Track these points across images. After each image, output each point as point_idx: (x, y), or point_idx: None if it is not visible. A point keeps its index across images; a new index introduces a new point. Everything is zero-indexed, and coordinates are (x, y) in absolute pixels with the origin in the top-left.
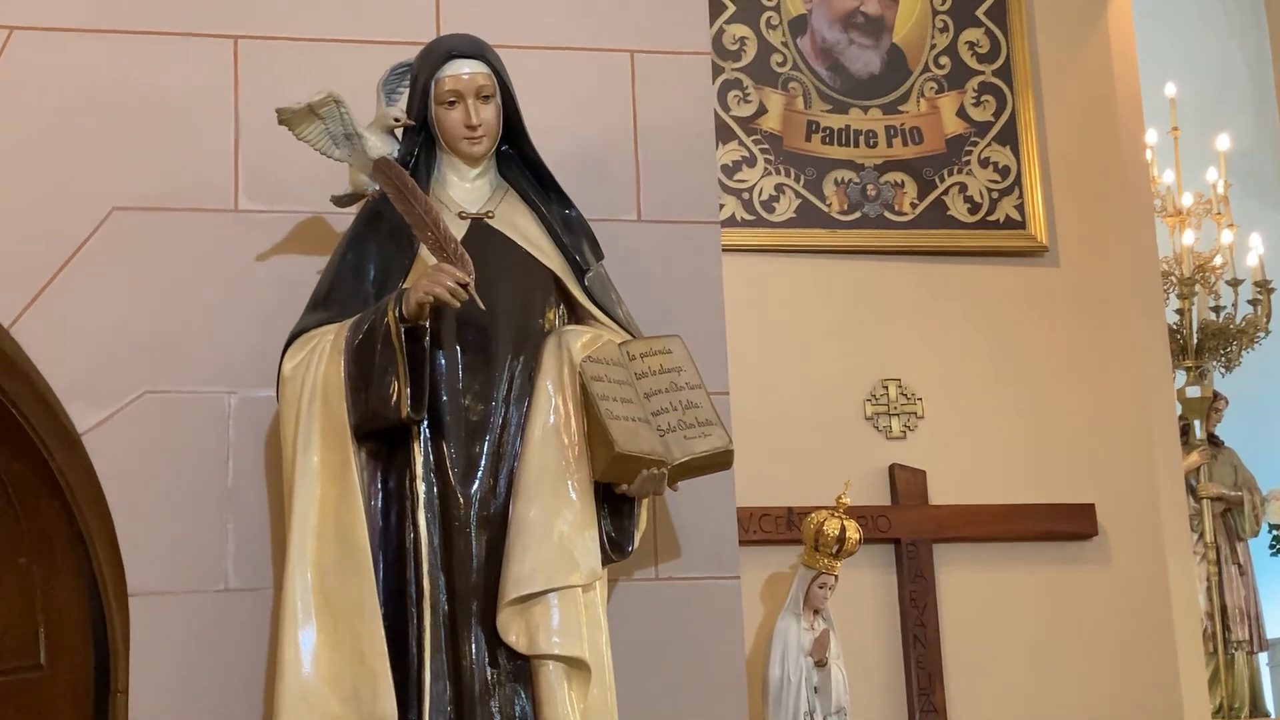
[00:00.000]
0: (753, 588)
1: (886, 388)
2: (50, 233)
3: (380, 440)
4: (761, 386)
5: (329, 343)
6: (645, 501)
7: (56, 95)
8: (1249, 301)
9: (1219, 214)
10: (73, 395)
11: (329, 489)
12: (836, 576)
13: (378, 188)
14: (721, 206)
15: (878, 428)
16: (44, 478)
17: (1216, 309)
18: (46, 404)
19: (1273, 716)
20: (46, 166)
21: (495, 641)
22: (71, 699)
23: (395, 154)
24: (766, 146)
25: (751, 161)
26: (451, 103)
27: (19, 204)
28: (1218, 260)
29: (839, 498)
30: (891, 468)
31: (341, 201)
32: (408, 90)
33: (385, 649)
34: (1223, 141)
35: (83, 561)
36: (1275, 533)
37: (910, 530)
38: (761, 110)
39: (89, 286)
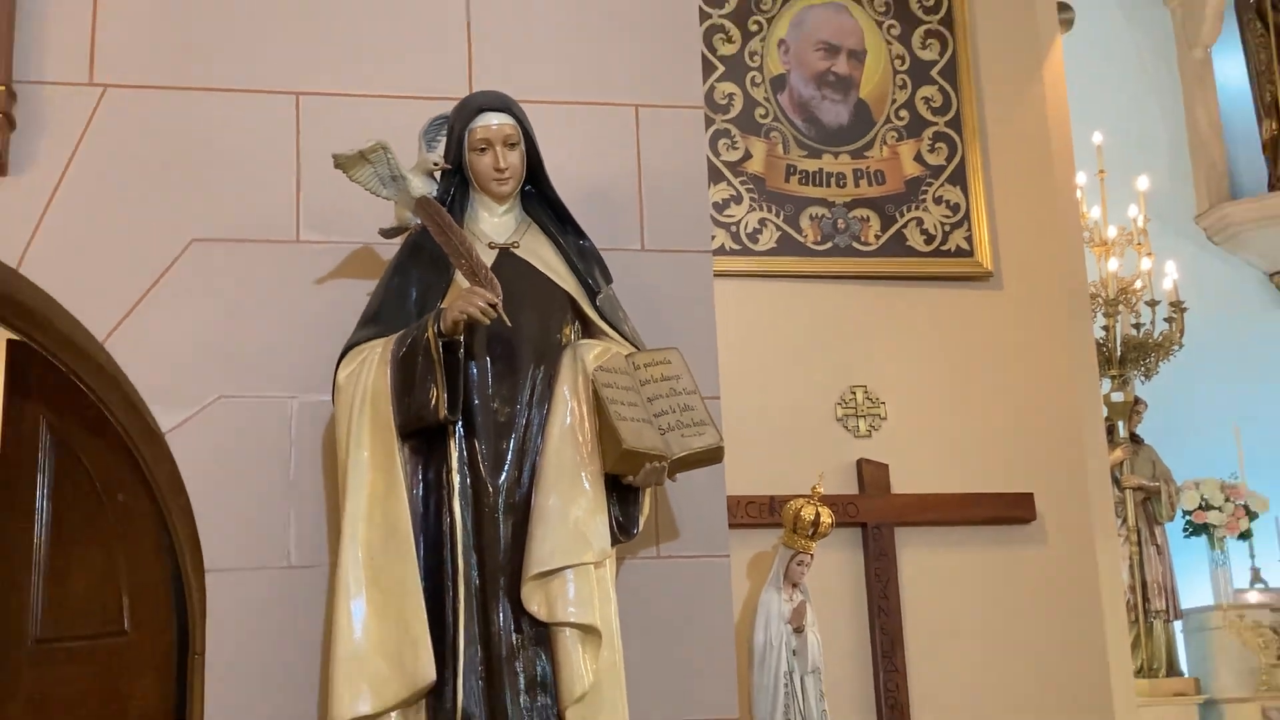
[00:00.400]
0: (740, 565)
1: (854, 393)
2: (139, 261)
3: (421, 438)
4: (748, 392)
5: (377, 355)
6: (648, 491)
7: (143, 143)
8: (1165, 319)
9: (1139, 244)
10: (157, 399)
11: (377, 480)
12: (812, 555)
13: (419, 222)
14: (713, 238)
15: (847, 428)
16: (132, 470)
17: (1137, 326)
18: (134, 407)
19: (1185, 674)
20: (135, 204)
21: (520, 611)
22: (155, 659)
23: (434, 193)
24: (751, 186)
25: (738, 199)
26: (482, 149)
27: (112, 236)
28: (1138, 284)
29: (814, 487)
30: (859, 462)
31: (388, 234)
32: (445, 139)
33: (425, 618)
34: (1142, 182)
35: (165, 541)
36: (1188, 518)
37: (875, 516)
38: (747, 155)
39: (171, 306)
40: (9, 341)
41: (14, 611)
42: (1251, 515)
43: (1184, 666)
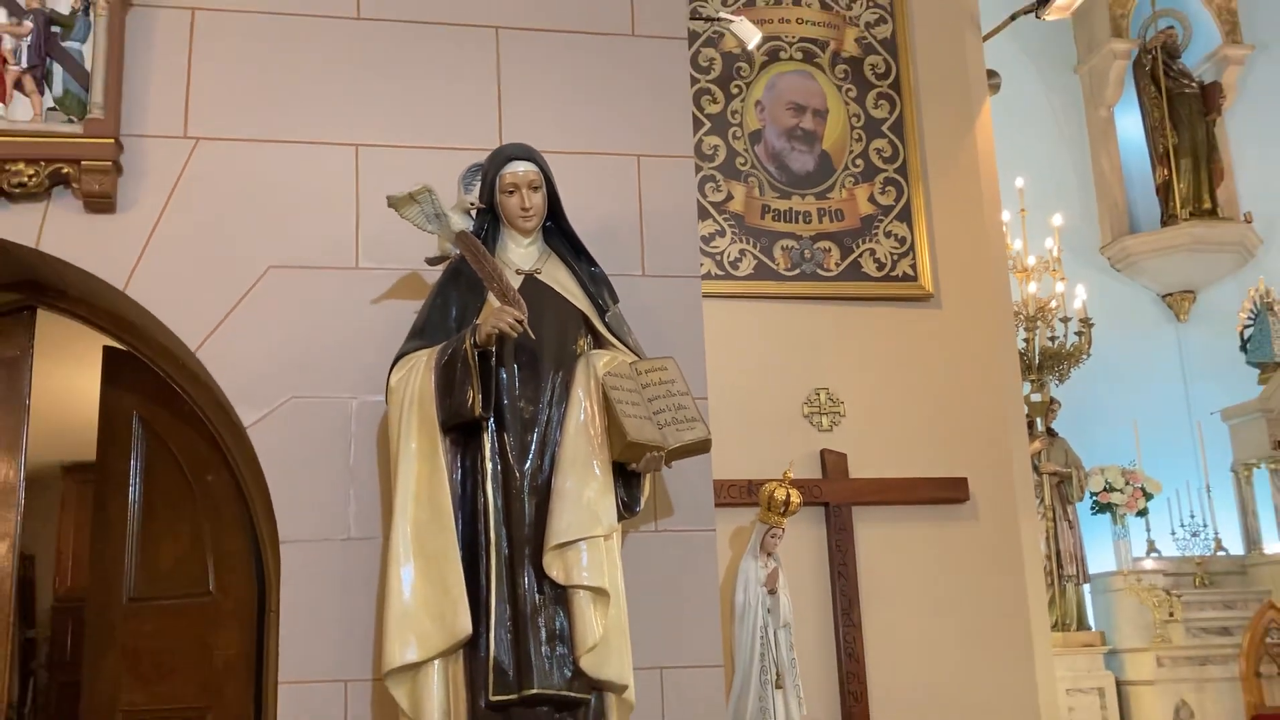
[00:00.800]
0: (724, 537)
1: (819, 394)
2: (225, 284)
3: (459, 432)
4: (727, 392)
5: (423, 362)
6: (648, 476)
7: (229, 186)
8: (1075, 333)
9: (1054, 271)
10: (239, 399)
11: (422, 467)
12: (783, 529)
13: (458, 252)
14: (701, 265)
15: (812, 423)
16: (219, 457)
17: (1052, 339)
18: (220, 405)
19: (1093, 629)
20: (221, 237)
21: (542, 576)
22: (238, 616)
23: (471, 228)
24: (733, 223)
25: (722, 234)
26: (511, 192)
27: (202, 264)
28: (1053, 304)
29: (785, 473)
30: (822, 452)
31: (432, 262)
32: (479, 183)
33: (463, 582)
34: (1057, 219)
35: (245, 516)
36: (1094, 498)
37: (836, 497)
38: (729, 197)
39: (252, 322)
40: (105, 348)
41: (110, 574)
42: (1147, 496)
43: (1091, 622)
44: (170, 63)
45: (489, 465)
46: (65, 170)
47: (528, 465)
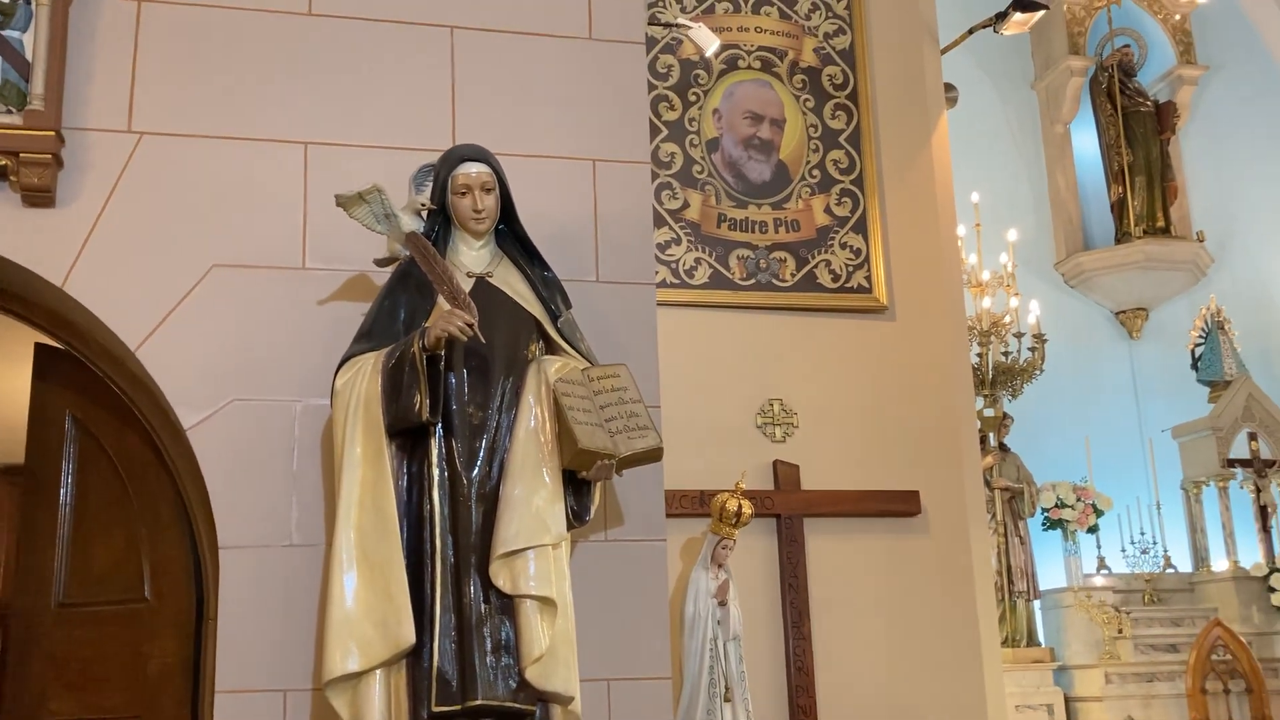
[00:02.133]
0: (674, 548)
1: (772, 405)
2: (167, 282)
3: (406, 437)
4: (684, 402)
5: (370, 365)
6: (599, 484)
7: (173, 182)
8: (1029, 349)
9: (1008, 286)
10: (180, 401)
11: (367, 472)
12: (735, 540)
13: (408, 254)
14: (656, 273)
15: (765, 434)
16: (157, 460)
17: (1006, 354)
18: (160, 407)
19: (1042, 644)
20: (164, 234)
21: (488, 585)
22: (174, 623)
23: (421, 229)
24: (689, 231)
25: (678, 241)
26: (463, 193)
27: (144, 261)
28: (1007, 319)
29: (737, 483)
30: (775, 462)
31: (381, 263)
32: (431, 183)
33: (407, 590)
34: (1012, 234)
35: (184, 521)
36: (1046, 514)
37: (788, 508)
38: (685, 205)
39: (194, 322)
40: (36, 346)
41: (39, 579)
42: (1098, 512)
43: (1041, 638)
44: (114, 55)
45: (436, 471)
46: (3, 162)
47: (475, 472)
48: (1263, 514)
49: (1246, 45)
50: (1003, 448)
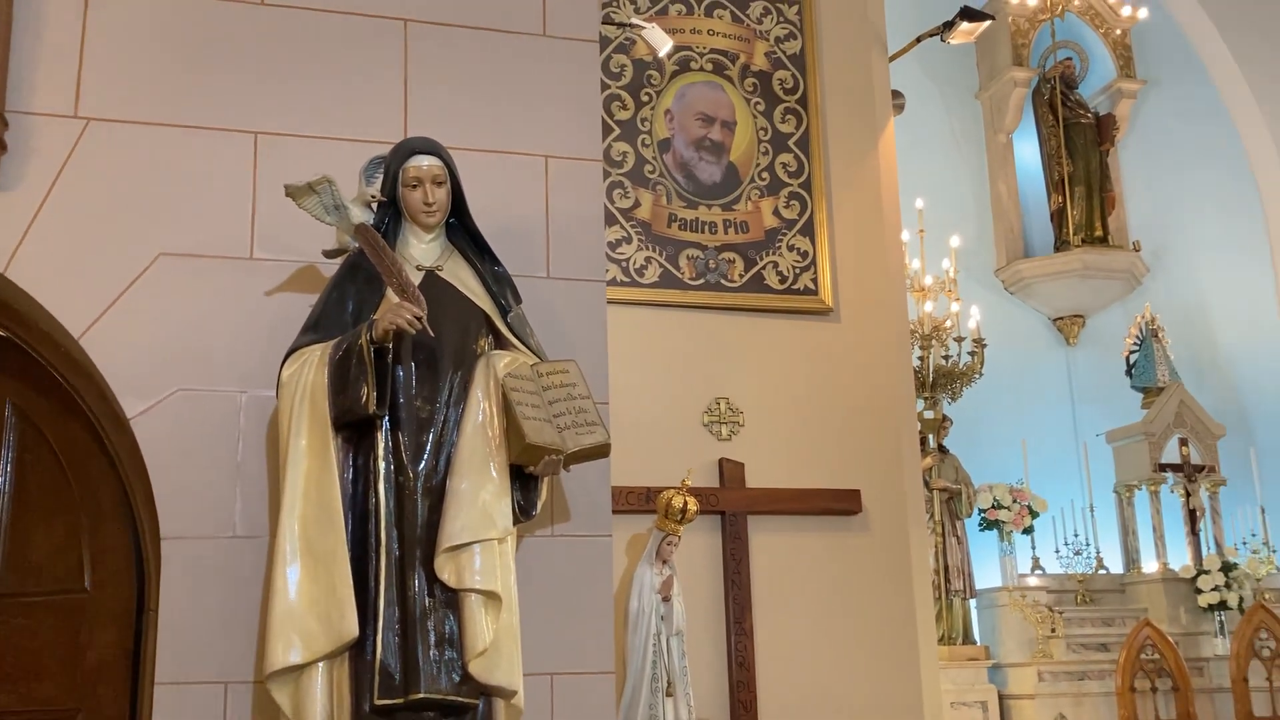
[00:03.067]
0: (620, 544)
1: (719, 404)
2: (112, 270)
3: (352, 430)
4: (632, 399)
5: (316, 357)
6: (546, 479)
7: (120, 169)
8: (969, 353)
9: (950, 291)
10: (123, 390)
11: (312, 464)
12: (680, 537)
13: (357, 246)
14: (607, 271)
15: (711, 432)
16: (99, 449)
17: (946, 357)
18: (104, 396)
19: (978, 642)
20: (111, 221)
21: (433, 578)
22: (114, 614)
23: (371, 221)
24: (640, 230)
25: (629, 240)
26: (414, 186)
27: (90, 248)
28: (948, 323)
29: (683, 481)
30: (720, 460)
31: (330, 255)
32: (382, 175)
33: (351, 583)
34: (954, 240)
35: (126, 511)
36: (983, 515)
37: (732, 505)
38: (636, 204)
39: (139, 310)
40: None
41: None
42: (1033, 514)
43: (977, 636)
44: (62, 40)
45: (382, 465)
46: None
47: (422, 466)
48: (1191, 518)
49: (1184, 61)
50: (942, 449)
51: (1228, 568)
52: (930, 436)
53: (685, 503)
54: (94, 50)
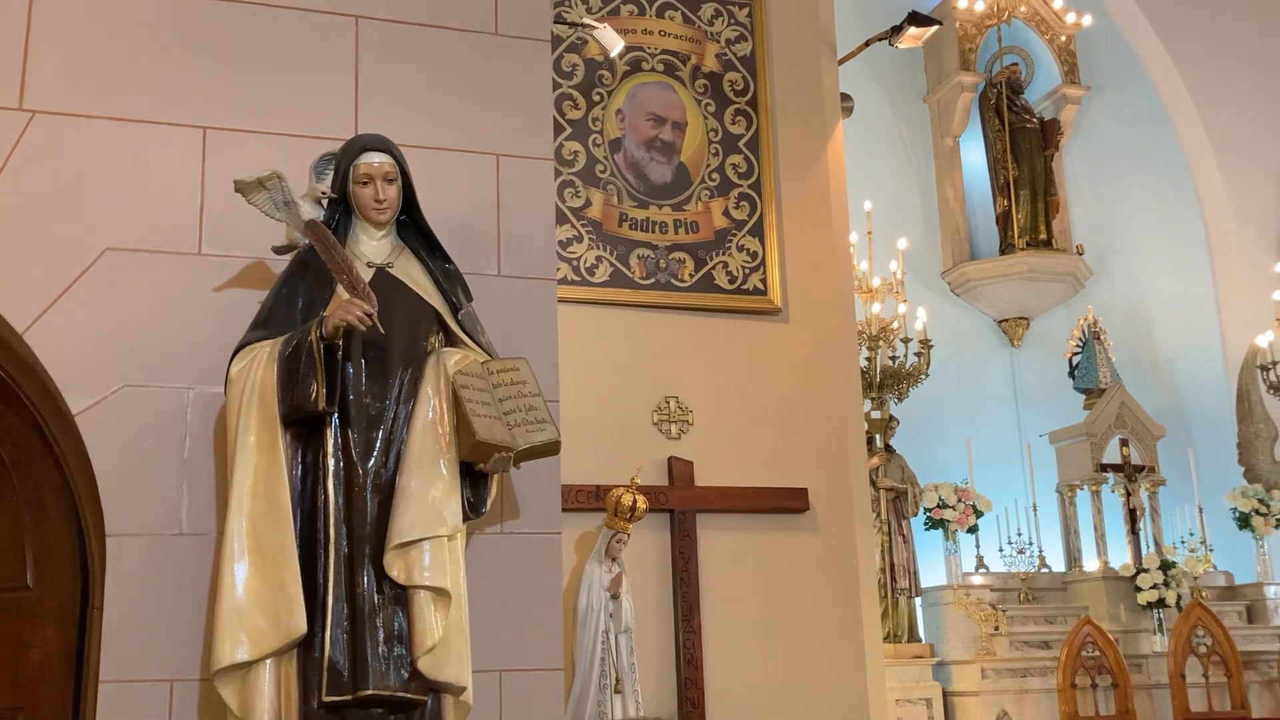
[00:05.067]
0: (570, 541)
1: (669, 402)
2: (58, 264)
3: (301, 426)
4: (582, 398)
5: (265, 353)
6: (496, 476)
7: (66, 162)
8: (915, 354)
9: (897, 293)
10: (68, 386)
11: (261, 461)
12: (629, 534)
13: (307, 242)
14: (558, 270)
15: (661, 430)
16: (43, 445)
17: (893, 358)
18: (48, 391)
19: (923, 640)
20: (56, 215)
21: (382, 575)
22: (57, 612)
23: (321, 218)
24: (590, 229)
25: (580, 239)
26: (365, 183)
27: (35, 242)
28: (895, 325)
29: (632, 479)
30: (670, 459)
31: (279, 251)
32: (332, 172)
33: (299, 579)
34: (901, 243)
35: (70, 508)
36: (928, 514)
37: (681, 503)
38: (588, 203)
39: (85, 305)
40: None
41: None
42: (978, 513)
43: (922, 634)
44: (7, 30)
45: (331, 461)
46: None
47: (371, 463)
48: (1132, 517)
49: (1128, 68)
50: (888, 449)
51: (1166, 566)
52: (877, 436)
53: (634, 501)
54: (40, 42)
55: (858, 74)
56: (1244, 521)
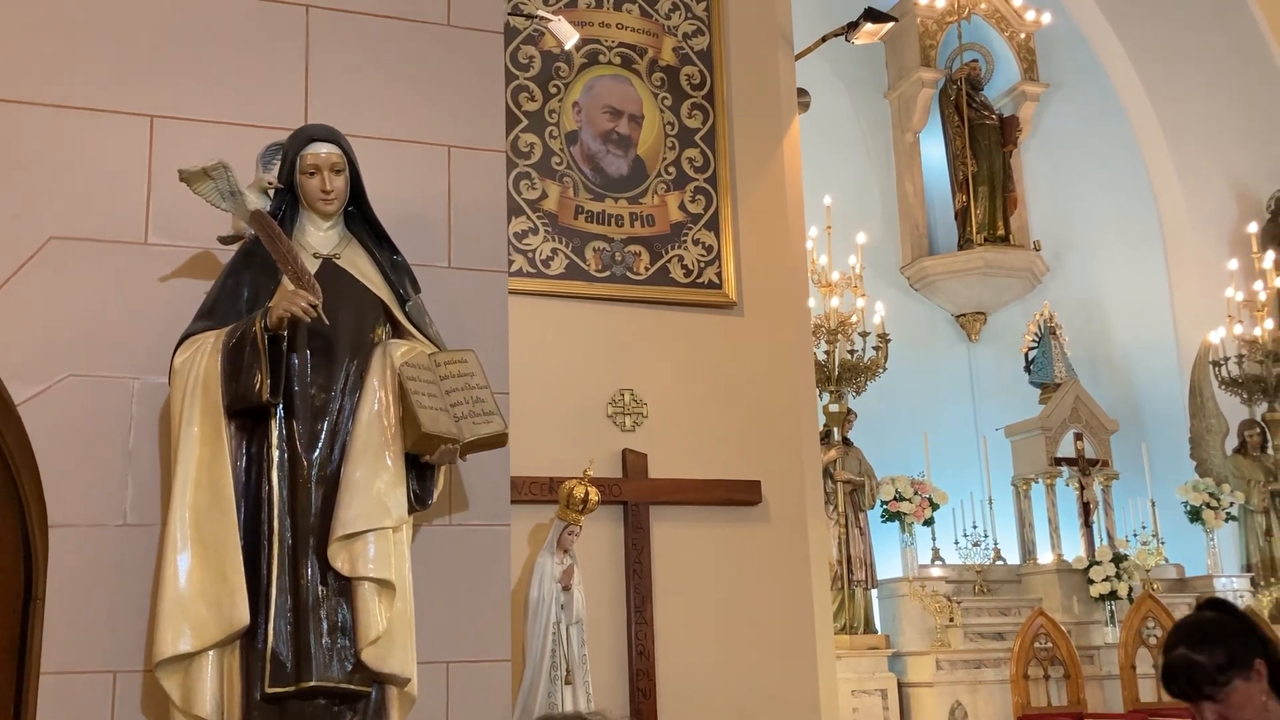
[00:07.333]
0: (522, 534)
1: (623, 394)
2: (2, 252)
3: (246, 417)
4: (536, 390)
5: (210, 344)
6: (443, 468)
7: (10, 150)
8: (873, 348)
9: (856, 287)
10: (12, 375)
11: (205, 452)
12: (581, 526)
13: (253, 232)
14: (511, 262)
15: (615, 423)
16: None
17: (851, 352)
18: None
19: (879, 631)
20: (1, 204)
21: (326, 567)
22: (1, 602)
23: (268, 208)
24: (546, 221)
25: (535, 231)
26: (312, 173)
27: None
28: (854, 319)
29: (585, 471)
30: (623, 451)
31: (225, 241)
32: (279, 162)
33: (242, 571)
34: (860, 237)
35: (13, 498)
36: (885, 506)
37: (634, 495)
38: (544, 195)
39: (30, 294)
40: None
41: None
42: (934, 506)
43: (878, 625)
44: None
45: (275, 453)
46: None
47: (316, 454)
48: (1085, 510)
49: (1086, 66)
50: (846, 442)
51: (1118, 559)
52: (835, 429)
53: (586, 493)
54: None
55: (819, 69)
56: (1195, 515)
